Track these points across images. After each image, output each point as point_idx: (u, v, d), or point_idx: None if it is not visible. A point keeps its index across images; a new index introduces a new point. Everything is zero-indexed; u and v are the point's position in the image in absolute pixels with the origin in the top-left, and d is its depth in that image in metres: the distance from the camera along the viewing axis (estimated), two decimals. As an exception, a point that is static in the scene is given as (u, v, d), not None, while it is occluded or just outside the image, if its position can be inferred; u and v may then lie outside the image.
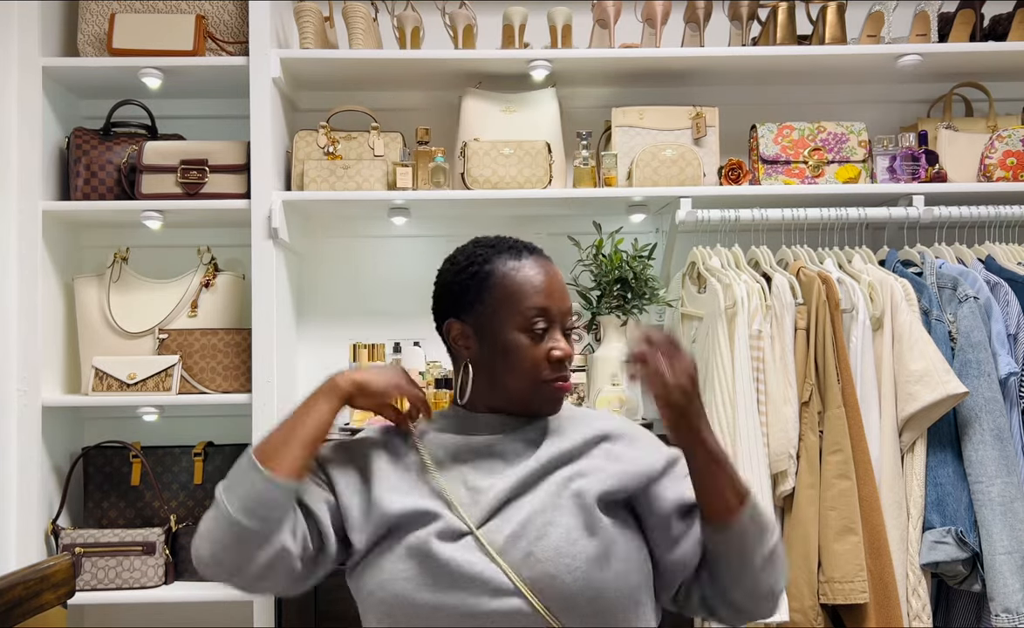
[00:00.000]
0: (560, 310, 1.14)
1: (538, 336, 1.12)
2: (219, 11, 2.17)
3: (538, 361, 1.11)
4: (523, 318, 1.12)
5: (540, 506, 1.05)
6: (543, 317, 1.12)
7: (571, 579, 1.00)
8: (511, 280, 1.13)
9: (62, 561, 1.36)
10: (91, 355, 2.12)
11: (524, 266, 1.14)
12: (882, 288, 1.88)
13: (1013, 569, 1.72)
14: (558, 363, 1.12)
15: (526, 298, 1.12)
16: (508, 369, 1.12)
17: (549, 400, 1.14)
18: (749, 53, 2.12)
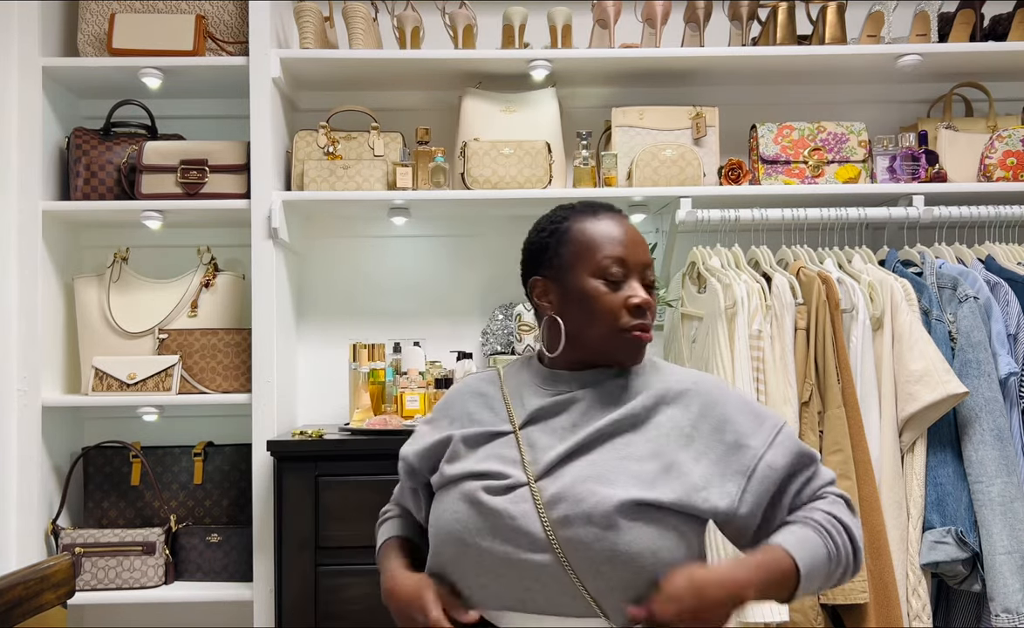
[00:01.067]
0: (638, 261, 1.16)
1: (615, 284, 1.14)
2: (219, 11, 2.17)
3: (616, 308, 1.13)
4: (599, 266, 1.14)
5: (589, 472, 1.08)
6: (620, 265, 1.15)
7: (599, 547, 1.03)
8: (588, 233, 1.17)
9: (62, 561, 1.36)
10: (91, 355, 2.12)
11: (600, 221, 1.18)
12: (882, 288, 1.88)
13: (1013, 569, 1.72)
14: (636, 310, 1.13)
15: (602, 248, 1.15)
16: (587, 318, 1.15)
17: (629, 348, 1.15)
18: (749, 53, 2.12)
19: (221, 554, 2.09)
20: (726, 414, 1.13)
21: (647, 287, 1.17)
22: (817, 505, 1.11)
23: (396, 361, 2.15)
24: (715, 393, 1.15)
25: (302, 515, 1.84)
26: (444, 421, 1.23)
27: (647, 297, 1.15)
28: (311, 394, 2.34)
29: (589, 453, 1.10)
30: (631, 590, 1.04)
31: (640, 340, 1.15)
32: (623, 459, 1.09)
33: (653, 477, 1.07)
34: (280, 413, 2.09)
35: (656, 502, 1.05)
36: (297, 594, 1.84)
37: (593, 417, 1.13)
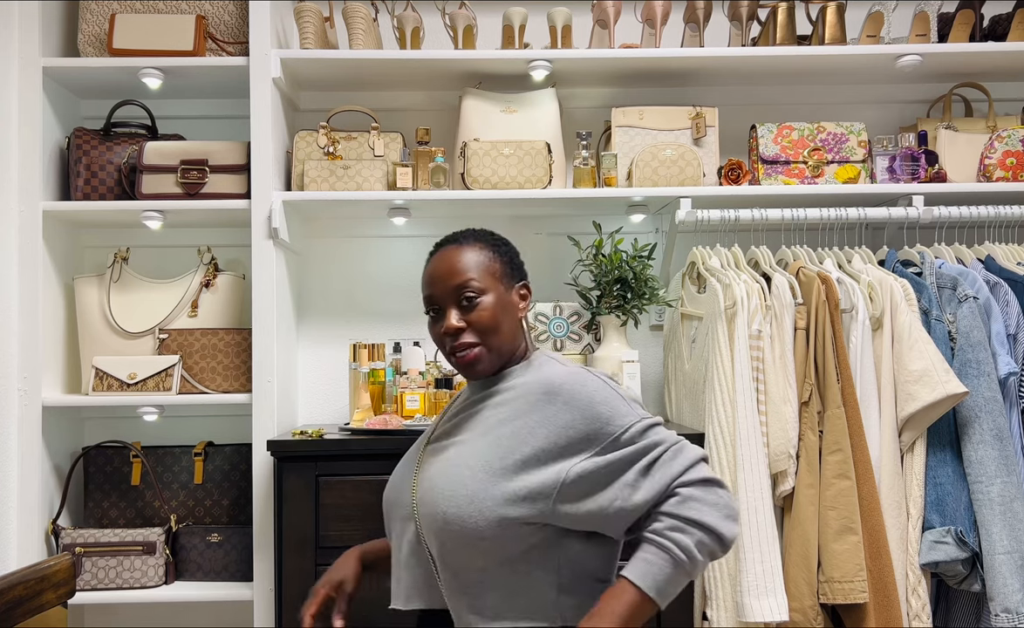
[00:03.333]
0: (445, 291, 1.28)
1: (434, 319, 1.31)
2: (219, 11, 2.17)
3: (439, 338, 1.30)
4: (425, 306, 1.33)
5: (453, 456, 1.24)
6: (431, 302, 1.31)
7: (439, 518, 1.18)
8: (422, 279, 1.34)
9: (62, 561, 1.36)
10: (91, 355, 2.12)
11: (427, 265, 1.33)
12: (882, 288, 1.88)
13: (1013, 569, 1.73)
14: (449, 337, 1.28)
15: (423, 290, 1.32)
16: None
17: (460, 367, 1.29)
18: (749, 53, 2.13)
19: (221, 554, 2.09)
20: (562, 417, 1.20)
21: (464, 305, 1.27)
22: (664, 509, 1.16)
23: (396, 361, 2.15)
24: (559, 393, 1.22)
25: (302, 515, 1.84)
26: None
27: (453, 324, 1.27)
28: (311, 394, 2.34)
29: (460, 443, 1.26)
30: (473, 569, 1.19)
31: (461, 360, 1.28)
32: (460, 458, 1.23)
33: (482, 476, 1.19)
34: (280, 413, 2.09)
35: (478, 502, 1.17)
36: (297, 594, 1.84)
37: (478, 412, 1.29)
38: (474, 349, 1.26)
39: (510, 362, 1.32)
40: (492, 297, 1.28)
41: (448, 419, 1.33)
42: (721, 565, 1.74)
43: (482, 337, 1.26)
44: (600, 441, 1.18)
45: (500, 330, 1.27)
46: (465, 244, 1.31)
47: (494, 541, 1.17)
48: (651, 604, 1.13)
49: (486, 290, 1.28)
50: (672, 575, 1.13)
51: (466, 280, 1.27)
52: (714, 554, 1.16)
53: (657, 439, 1.19)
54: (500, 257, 1.33)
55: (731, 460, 1.76)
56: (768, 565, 1.70)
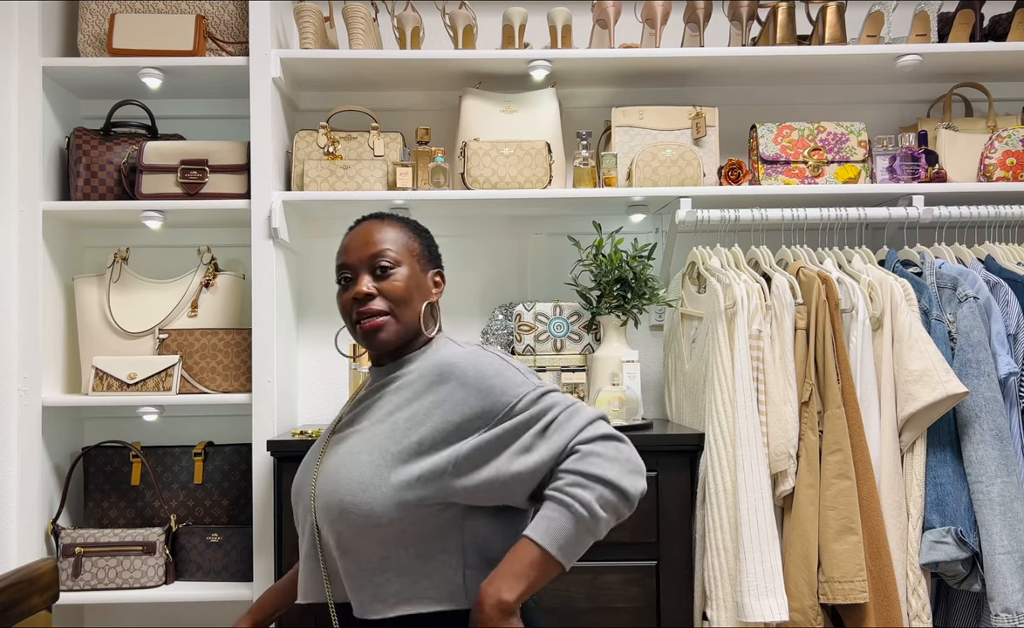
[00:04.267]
0: (359, 259, 1.29)
1: (344, 287, 1.31)
2: (219, 11, 2.17)
3: (346, 306, 1.30)
4: (337, 275, 1.33)
5: (352, 445, 1.24)
6: (344, 268, 1.31)
7: (335, 507, 1.19)
8: (338, 250, 1.35)
9: (46, 563, 1.34)
10: (91, 355, 2.12)
11: (347, 236, 1.34)
12: (882, 288, 1.88)
13: (1013, 569, 1.73)
14: (356, 302, 1.27)
15: (337, 258, 1.33)
16: (341, 314, 1.34)
17: (362, 336, 1.28)
18: (749, 53, 2.13)
19: (221, 554, 2.09)
20: (456, 395, 1.20)
21: (380, 273, 1.28)
22: (565, 466, 1.14)
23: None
24: (452, 372, 1.22)
25: (302, 515, 1.83)
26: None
27: (363, 289, 1.27)
28: (311, 394, 2.34)
29: (358, 433, 1.26)
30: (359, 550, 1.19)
31: (364, 328, 1.27)
32: (358, 446, 1.23)
33: (378, 462, 1.19)
34: (280, 413, 2.09)
35: (375, 485, 1.18)
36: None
37: (375, 401, 1.29)
38: (381, 317, 1.26)
39: (413, 346, 1.32)
40: (406, 270, 1.29)
41: (351, 408, 1.33)
42: (721, 565, 1.74)
43: (391, 306, 1.27)
44: (495, 414, 1.17)
45: (410, 304, 1.28)
46: (386, 221, 1.34)
47: (392, 526, 1.16)
48: (554, 563, 1.11)
49: (401, 262, 1.29)
50: (573, 532, 1.11)
51: (383, 249, 1.28)
52: (618, 511, 1.14)
53: (552, 402, 1.19)
54: (419, 239, 1.36)
55: (731, 460, 1.76)
56: (768, 565, 1.70)
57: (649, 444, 1.80)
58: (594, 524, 1.12)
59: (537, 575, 1.10)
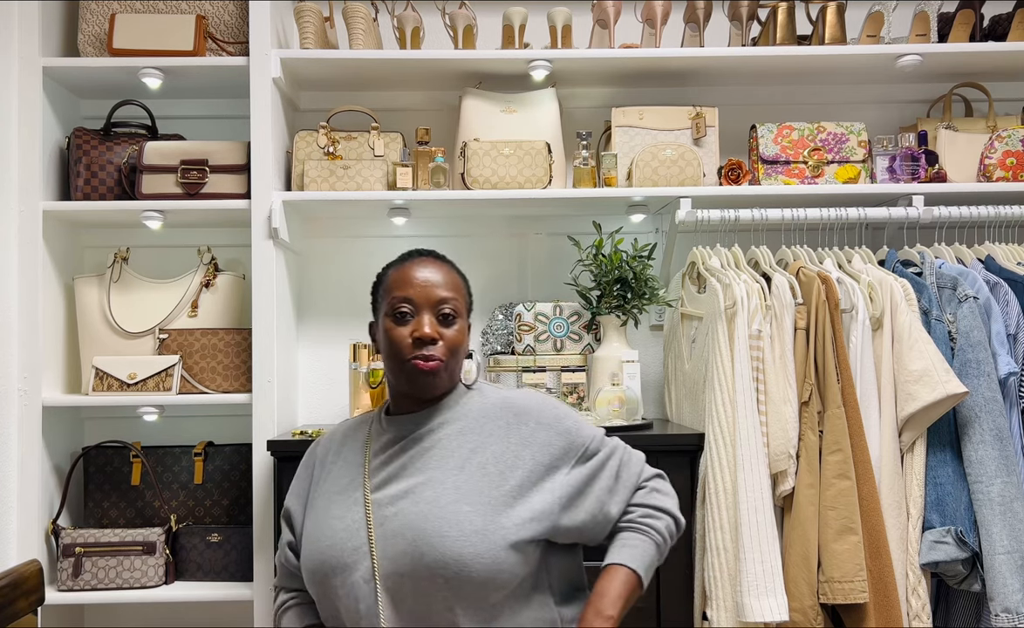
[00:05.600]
0: (426, 298, 1.28)
1: (400, 319, 1.28)
2: (219, 11, 2.17)
3: (402, 341, 1.27)
4: (389, 305, 1.29)
5: (435, 496, 1.21)
6: (407, 302, 1.28)
7: (446, 564, 1.16)
8: (391, 277, 1.32)
9: (31, 566, 1.33)
10: (91, 355, 2.12)
11: (405, 266, 1.32)
12: (882, 288, 1.88)
13: (1013, 569, 1.72)
14: (418, 342, 1.26)
15: (394, 289, 1.30)
16: (385, 354, 1.31)
17: (413, 377, 1.26)
18: (749, 53, 2.13)
19: (221, 554, 2.09)
20: (539, 436, 1.26)
21: (442, 321, 1.28)
22: (636, 500, 1.30)
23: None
24: (528, 413, 1.28)
25: (302, 515, 1.83)
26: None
27: (428, 332, 1.25)
28: (311, 394, 2.34)
29: (414, 493, 1.22)
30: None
31: (418, 368, 1.25)
32: (448, 496, 1.20)
33: (486, 509, 1.19)
34: (280, 413, 2.09)
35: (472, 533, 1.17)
36: (297, 594, 1.83)
37: (414, 450, 1.28)
38: (438, 361, 1.26)
39: (448, 392, 1.34)
40: (462, 324, 1.32)
41: (385, 460, 1.28)
42: (721, 565, 1.74)
43: (448, 356, 1.28)
44: (575, 452, 1.27)
45: (459, 357, 1.31)
46: (446, 265, 1.35)
47: (509, 570, 1.17)
48: (640, 585, 1.24)
49: (460, 315, 1.32)
50: (654, 557, 1.27)
51: (450, 297, 1.30)
52: (674, 537, 1.32)
53: (614, 444, 1.34)
54: (468, 293, 1.39)
55: (731, 460, 1.76)
56: (768, 565, 1.70)
57: (649, 444, 1.80)
58: (665, 549, 1.30)
59: (629, 596, 1.22)
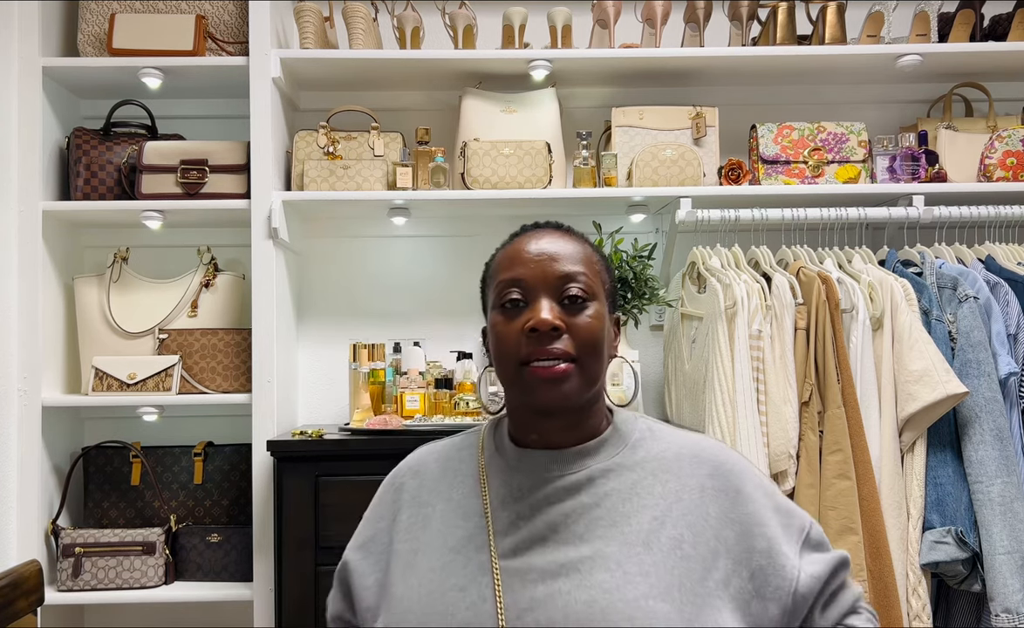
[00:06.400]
0: (542, 276, 0.94)
1: (510, 310, 0.94)
2: (219, 11, 2.17)
3: (512, 338, 0.93)
4: (497, 295, 0.96)
5: (610, 582, 0.86)
6: (515, 287, 0.94)
7: None
8: (496, 261, 1.00)
9: (31, 566, 1.33)
10: (91, 355, 2.12)
11: (515, 242, 1.00)
12: (882, 288, 1.88)
13: (1013, 569, 1.72)
14: (533, 336, 0.91)
15: (501, 271, 0.97)
16: (495, 361, 0.96)
17: (530, 387, 0.91)
18: (749, 53, 2.12)
19: (221, 554, 2.09)
20: (750, 509, 0.91)
21: (570, 303, 0.93)
22: (851, 623, 0.94)
23: (396, 361, 2.15)
24: (739, 477, 0.94)
25: (302, 515, 1.84)
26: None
27: (548, 318, 0.90)
28: (311, 394, 2.34)
29: (575, 572, 0.87)
30: None
31: (537, 376, 0.90)
32: (630, 583, 0.86)
33: (686, 605, 0.85)
34: (280, 413, 2.09)
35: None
36: (297, 594, 1.84)
37: (566, 513, 0.91)
38: (566, 363, 0.91)
39: (599, 416, 0.98)
40: (600, 308, 0.95)
41: (521, 512, 0.93)
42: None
43: (580, 352, 0.92)
44: (796, 536, 0.93)
45: (600, 356, 0.94)
46: (573, 234, 1.00)
47: None
48: None
49: (596, 295, 0.95)
50: None
51: (577, 272, 0.94)
52: None
53: (823, 535, 0.97)
54: (608, 271, 1.02)
55: (731, 460, 1.76)
56: (768, 565, 1.70)
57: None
58: None
59: None
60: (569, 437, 0.96)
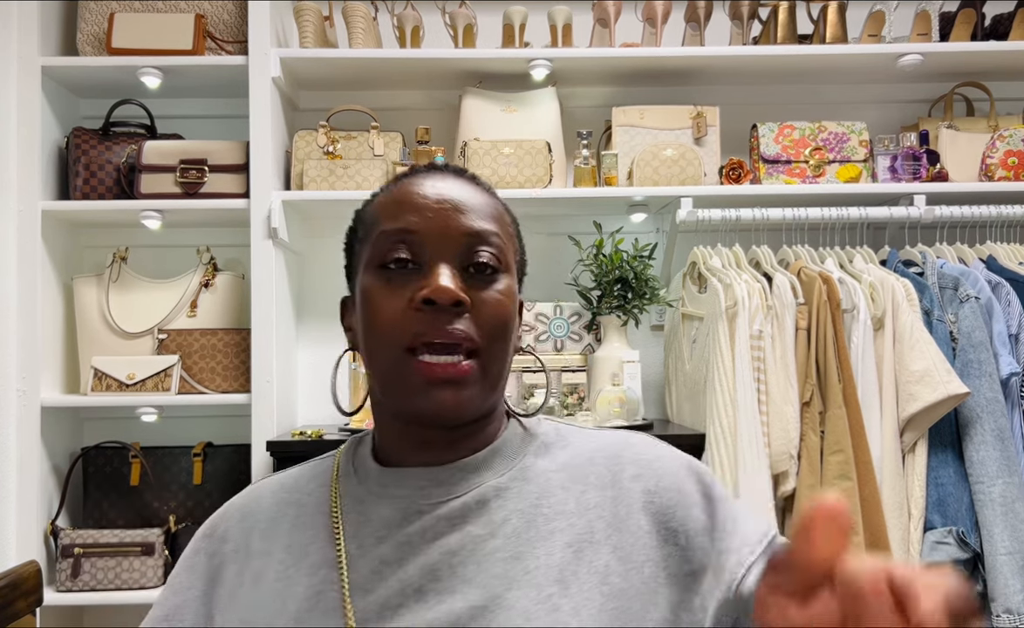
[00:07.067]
0: (443, 230, 0.68)
1: (394, 273, 0.68)
2: (219, 10, 2.16)
3: (393, 313, 0.67)
4: (374, 250, 0.70)
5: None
6: (404, 242, 0.68)
7: None
8: (376, 205, 0.73)
9: (30, 567, 1.32)
10: (90, 355, 2.11)
11: (405, 182, 0.73)
12: (883, 288, 1.88)
13: (1014, 570, 1.72)
14: (427, 309, 0.65)
15: (384, 220, 0.70)
16: (366, 344, 0.70)
17: (416, 388, 0.66)
18: (750, 52, 2.12)
19: (221, 555, 2.08)
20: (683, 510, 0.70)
21: (476, 272, 0.69)
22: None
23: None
24: (642, 465, 0.73)
25: (302, 516, 1.83)
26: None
27: (451, 289, 0.65)
28: (311, 394, 2.34)
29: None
30: None
31: (431, 374, 0.65)
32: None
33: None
34: (280, 413, 2.08)
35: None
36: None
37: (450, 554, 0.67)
38: (468, 359, 0.67)
39: (493, 423, 0.75)
40: (511, 284, 0.72)
41: (389, 555, 0.68)
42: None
43: (486, 340, 0.68)
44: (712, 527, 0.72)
45: (507, 349, 0.71)
46: (480, 183, 0.75)
47: None
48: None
49: (507, 268, 0.72)
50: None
51: (489, 232, 0.70)
52: None
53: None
54: (520, 237, 0.79)
55: (732, 461, 1.76)
56: (769, 566, 1.70)
57: (650, 445, 1.79)
58: None
59: None
60: (454, 451, 0.72)
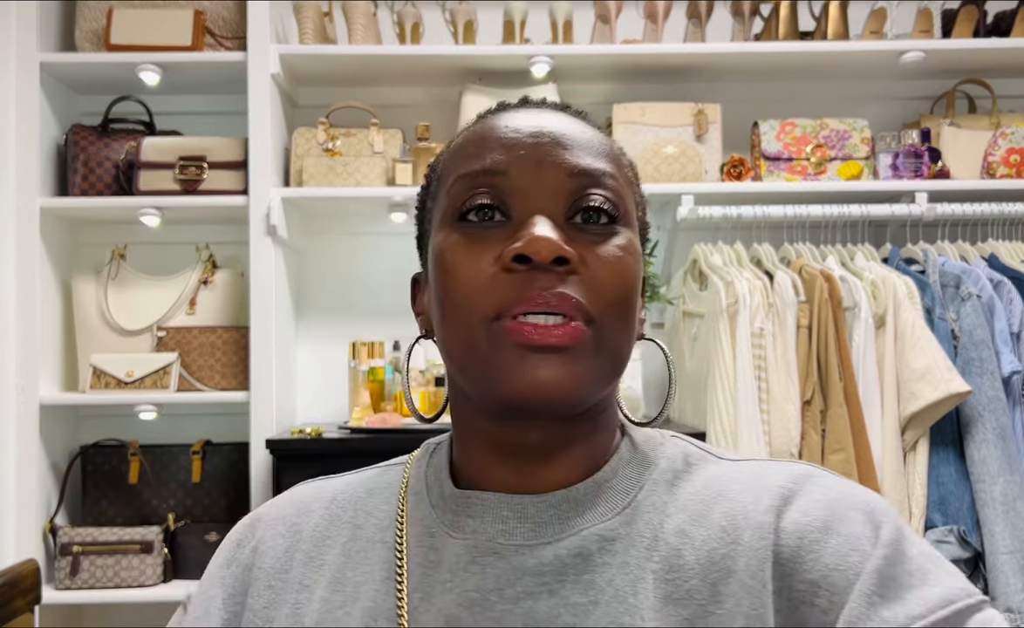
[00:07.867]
0: (537, 169, 0.53)
1: (476, 227, 0.54)
2: (218, 7, 2.15)
3: (476, 274, 0.52)
4: (450, 201, 0.55)
5: None
6: (487, 186, 0.54)
7: None
8: (455, 149, 0.59)
9: (29, 565, 1.32)
10: (89, 353, 2.11)
11: (489, 117, 0.59)
12: (885, 286, 1.87)
13: (1015, 569, 1.72)
14: (521, 268, 0.51)
15: (463, 162, 0.56)
16: (441, 318, 0.56)
17: (507, 361, 0.50)
18: (751, 49, 2.11)
19: (220, 553, 2.08)
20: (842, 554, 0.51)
21: (588, 220, 0.54)
22: None
23: (395, 359, 2.14)
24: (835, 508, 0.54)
25: (301, 514, 1.83)
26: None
27: (544, 237, 0.50)
28: (310, 392, 2.33)
29: None
30: None
31: (524, 339, 0.50)
32: None
33: None
34: (279, 411, 2.08)
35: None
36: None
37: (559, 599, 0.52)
38: (576, 322, 0.51)
39: (604, 433, 0.59)
40: (634, 241, 0.56)
41: (465, 597, 0.52)
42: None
43: (602, 311, 0.52)
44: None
45: (631, 323, 0.55)
46: (590, 121, 0.59)
47: None
48: None
49: (628, 220, 0.56)
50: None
51: (602, 171, 0.54)
52: None
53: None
54: (642, 193, 0.62)
55: (733, 459, 1.75)
56: (770, 565, 1.69)
57: (650, 443, 1.79)
58: None
59: None
60: (549, 470, 0.55)
